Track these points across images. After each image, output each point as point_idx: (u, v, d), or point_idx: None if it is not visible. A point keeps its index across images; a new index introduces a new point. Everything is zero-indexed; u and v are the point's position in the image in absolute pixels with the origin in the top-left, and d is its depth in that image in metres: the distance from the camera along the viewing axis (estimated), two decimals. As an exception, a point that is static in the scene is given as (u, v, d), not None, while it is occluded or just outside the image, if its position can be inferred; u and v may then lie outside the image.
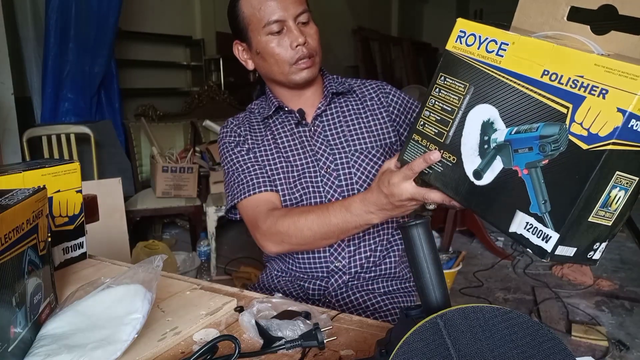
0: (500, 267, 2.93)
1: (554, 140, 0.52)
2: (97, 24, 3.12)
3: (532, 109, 0.54)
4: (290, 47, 0.94)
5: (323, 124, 1.04)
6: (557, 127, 0.52)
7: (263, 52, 0.97)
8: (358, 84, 1.09)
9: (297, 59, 0.95)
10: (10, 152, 2.75)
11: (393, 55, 7.54)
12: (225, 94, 4.49)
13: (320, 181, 1.01)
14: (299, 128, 1.04)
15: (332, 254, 1.01)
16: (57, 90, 3.06)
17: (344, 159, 1.01)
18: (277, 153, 1.04)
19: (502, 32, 0.60)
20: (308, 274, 1.03)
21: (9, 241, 0.55)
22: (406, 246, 0.49)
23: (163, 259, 0.68)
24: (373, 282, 1.03)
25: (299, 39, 0.93)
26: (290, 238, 0.91)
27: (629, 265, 2.92)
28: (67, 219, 0.90)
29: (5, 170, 0.79)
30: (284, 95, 1.05)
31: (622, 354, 1.95)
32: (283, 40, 0.94)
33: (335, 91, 1.04)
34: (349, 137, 1.02)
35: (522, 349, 0.40)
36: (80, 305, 0.63)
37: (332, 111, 1.05)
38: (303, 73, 0.97)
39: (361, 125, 1.03)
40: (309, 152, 1.02)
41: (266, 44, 0.95)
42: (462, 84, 0.64)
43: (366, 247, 1.02)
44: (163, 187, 2.95)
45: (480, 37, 0.63)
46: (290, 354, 0.63)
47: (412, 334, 0.40)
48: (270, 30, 0.94)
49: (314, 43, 0.96)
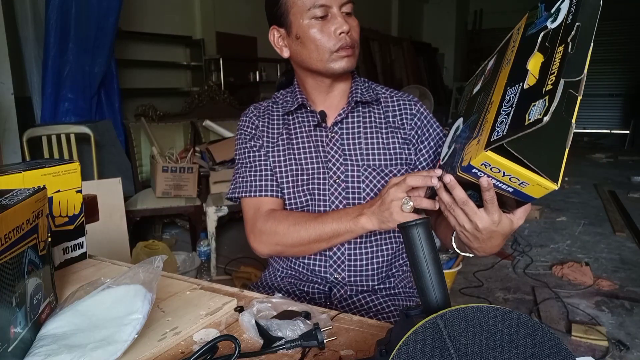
0: (500, 267, 2.94)
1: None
2: (97, 24, 3.13)
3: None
4: (333, 34, 0.92)
5: (342, 131, 1.01)
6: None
7: (303, 37, 0.94)
8: (386, 94, 1.05)
9: (340, 47, 0.92)
10: (10, 152, 2.75)
11: (393, 55, 7.54)
12: (225, 94, 4.49)
13: (327, 190, 0.99)
14: (317, 131, 1.02)
15: (331, 266, 1.00)
16: (57, 90, 3.06)
17: (355, 172, 0.99)
18: (290, 154, 1.02)
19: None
20: (310, 279, 1.03)
21: (9, 241, 0.55)
22: (406, 246, 0.49)
23: (163, 259, 0.68)
24: (376, 290, 1.02)
25: (343, 26, 0.91)
26: (284, 239, 0.94)
27: (629, 265, 2.92)
28: (67, 219, 0.90)
29: (5, 170, 0.79)
30: (312, 89, 1.02)
31: (622, 354, 1.95)
32: (326, 27, 0.92)
33: (360, 100, 1.01)
34: (365, 151, 1.00)
35: (522, 349, 0.40)
36: (80, 306, 0.63)
37: (353, 119, 1.02)
38: (342, 62, 0.94)
39: (379, 140, 1.00)
40: (322, 158, 1.01)
41: (308, 28, 0.93)
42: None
43: (368, 265, 1.00)
44: (163, 187, 2.95)
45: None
46: (290, 354, 0.63)
47: (412, 334, 0.40)
48: (314, 15, 0.92)
49: (355, 35, 0.95)
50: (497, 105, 0.61)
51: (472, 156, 0.61)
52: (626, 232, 3.52)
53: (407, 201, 0.79)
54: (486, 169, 0.60)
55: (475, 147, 0.61)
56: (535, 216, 3.90)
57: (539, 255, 3.11)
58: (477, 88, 0.77)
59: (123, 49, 3.78)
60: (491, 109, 0.62)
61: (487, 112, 0.64)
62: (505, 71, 0.65)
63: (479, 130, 0.63)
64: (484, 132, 0.60)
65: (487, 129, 0.60)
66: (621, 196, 4.53)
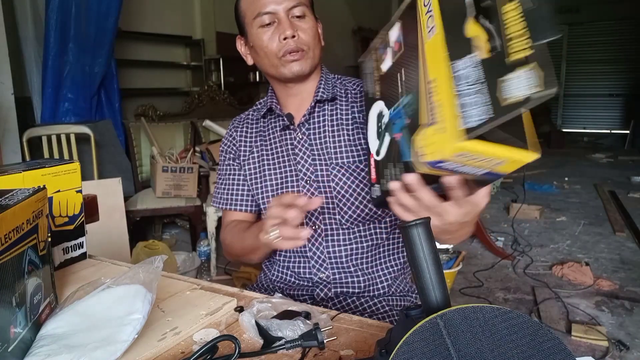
0: (500, 267, 2.94)
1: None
2: (97, 24, 3.13)
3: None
4: (278, 40, 0.92)
5: (309, 132, 1.01)
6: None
7: (255, 45, 0.95)
8: (355, 90, 1.02)
9: (284, 52, 0.92)
10: (10, 152, 2.75)
11: (393, 55, 7.53)
12: (225, 94, 4.49)
13: (300, 192, 1.00)
14: (287, 134, 1.02)
15: (313, 266, 1.00)
16: (57, 90, 3.07)
17: (325, 171, 0.98)
18: (263, 160, 1.04)
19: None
20: (295, 282, 1.04)
21: (9, 241, 0.55)
22: (406, 246, 0.49)
23: (163, 259, 0.68)
24: (369, 291, 1.01)
25: (286, 31, 0.91)
26: (230, 249, 1.07)
27: (629, 265, 2.92)
28: (67, 219, 0.90)
29: (5, 170, 0.80)
30: (281, 93, 1.03)
31: (622, 354, 1.95)
32: (273, 33, 0.93)
33: (320, 99, 1.00)
34: (332, 149, 0.99)
35: (522, 349, 0.40)
36: (81, 306, 0.63)
37: (319, 118, 1.01)
38: (292, 66, 0.94)
39: (346, 136, 0.99)
40: (292, 160, 1.01)
41: (257, 36, 0.94)
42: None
43: (349, 261, 0.99)
44: (163, 187, 2.95)
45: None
46: (290, 354, 0.63)
47: (412, 334, 0.41)
48: (261, 22, 0.92)
49: (306, 37, 0.93)
50: (445, 83, 0.52)
51: (438, 149, 0.53)
52: (626, 232, 3.52)
53: (274, 229, 0.77)
54: (458, 158, 0.52)
55: (437, 136, 0.53)
56: (535, 216, 3.90)
57: (539, 255, 3.11)
58: (386, 64, 0.68)
59: (123, 49, 3.78)
60: (437, 90, 0.54)
61: (432, 94, 0.55)
62: (435, 42, 0.55)
63: (430, 115, 0.55)
64: (444, 119, 0.52)
65: (447, 114, 0.52)
66: (621, 196, 4.53)
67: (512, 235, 3.49)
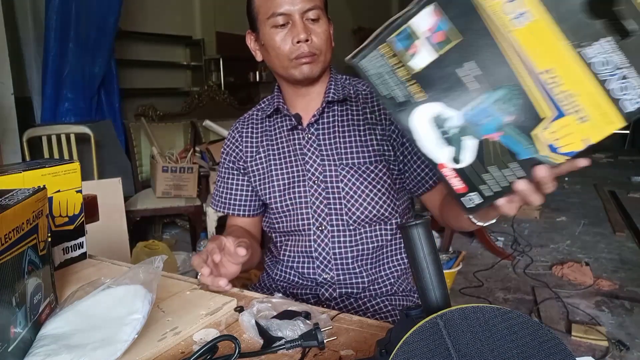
0: (500, 267, 2.94)
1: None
2: (97, 24, 3.13)
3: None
4: (291, 42, 0.92)
5: (318, 132, 1.01)
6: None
7: (267, 44, 0.95)
8: (366, 91, 1.02)
9: (297, 55, 0.92)
10: (10, 152, 2.75)
11: (393, 55, 7.54)
12: (225, 94, 4.50)
13: (307, 191, 1.00)
14: (294, 134, 1.02)
15: (318, 266, 1.00)
16: (57, 90, 3.06)
17: (333, 172, 0.98)
18: (269, 160, 1.04)
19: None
20: (298, 282, 1.04)
21: (9, 241, 0.55)
22: (406, 246, 0.49)
23: (163, 259, 0.68)
24: (370, 290, 1.02)
25: (300, 34, 0.90)
26: None
27: (629, 265, 2.92)
28: (67, 219, 0.90)
29: (5, 170, 0.80)
30: (288, 94, 1.03)
31: (622, 354, 1.95)
32: (287, 35, 0.92)
33: (331, 100, 1.00)
34: (342, 149, 0.99)
35: (522, 349, 0.40)
36: (81, 306, 0.64)
37: (329, 119, 1.01)
38: (303, 68, 0.93)
39: (356, 137, 0.98)
40: (300, 161, 1.01)
41: (270, 36, 0.93)
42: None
43: (355, 262, 1.00)
44: (163, 187, 2.95)
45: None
46: (290, 354, 0.63)
47: (412, 334, 0.41)
48: (275, 23, 0.92)
49: (319, 41, 0.93)
50: (576, 72, 0.51)
51: (585, 136, 0.52)
52: (626, 232, 3.52)
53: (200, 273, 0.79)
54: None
55: (579, 126, 0.52)
56: (535, 216, 3.90)
57: (539, 255, 3.10)
58: (423, 59, 0.58)
59: (123, 49, 3.78)
60: (564, 80, 0.51)
61: (554, 84, 0.52)
62: (535, 29, 0.51)
63: (556, 107, 0.52)
64: (584, 107, 0.51)
65: (587, 102, 0.51)
66: (621, 196, 4.53)
67: (512, 235, 3.49)
